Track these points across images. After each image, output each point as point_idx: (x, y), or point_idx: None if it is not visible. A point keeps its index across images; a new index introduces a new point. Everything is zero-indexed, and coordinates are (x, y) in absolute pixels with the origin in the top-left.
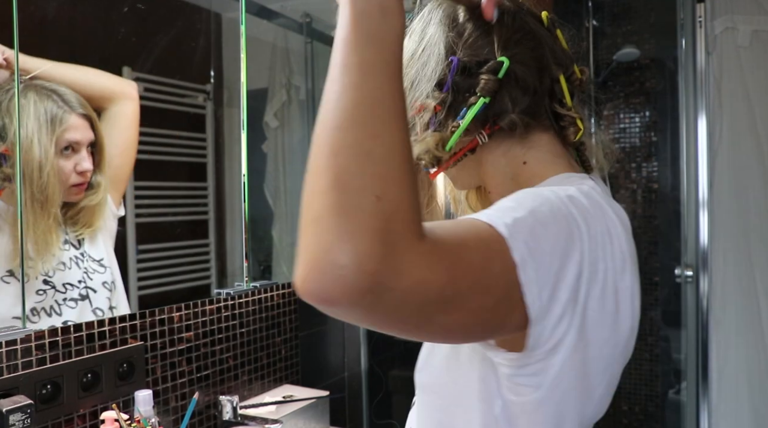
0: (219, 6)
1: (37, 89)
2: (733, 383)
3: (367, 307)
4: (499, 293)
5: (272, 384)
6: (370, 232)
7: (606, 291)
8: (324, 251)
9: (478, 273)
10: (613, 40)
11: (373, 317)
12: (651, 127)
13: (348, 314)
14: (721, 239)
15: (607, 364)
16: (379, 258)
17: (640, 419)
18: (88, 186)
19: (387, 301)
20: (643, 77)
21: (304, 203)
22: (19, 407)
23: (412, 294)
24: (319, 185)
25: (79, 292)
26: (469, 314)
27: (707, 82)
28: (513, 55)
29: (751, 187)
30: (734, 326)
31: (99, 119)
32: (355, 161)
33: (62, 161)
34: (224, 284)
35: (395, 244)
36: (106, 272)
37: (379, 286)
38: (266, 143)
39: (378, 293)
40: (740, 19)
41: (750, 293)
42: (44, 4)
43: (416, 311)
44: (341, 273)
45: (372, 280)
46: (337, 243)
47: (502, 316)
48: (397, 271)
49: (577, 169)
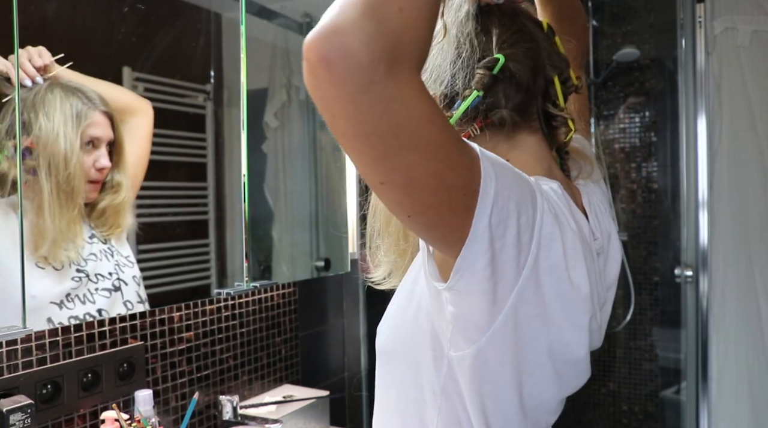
0: (219, 6)
1: (63, 86)
2: (733, 383)
3: (354, 81)
4: (459, 175)
5: (272, 384)
6: (384, 29)
7: (558, 271)
8: (346, 20)
9: (452, 141)
10: (613, 40)
11: (353, 95)
12: (651, 127)
13: (335, 80)
14: (720, 239)
15: (549, 347)
16: (385, 51)
17: (639, 419)
18: (108, 185)
19: (374, 92)
20: (643, 77)
21: None
22: (20, 407)
23: (398, 103)
24: None
25: (112, 283)
26: (432, 163)
27: (707, 82)
28: (509, 53)
29: (750, 187)
30: (734, 326)
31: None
32: None
33: (84, 156)
34: (224, 284)
35: (401, 54)
36: (134, 267)
37: (374, 69)
38: (266, 143)
39: (370, 75)
40: (740, 19)
41: (750, 293)
42: (44, 4)
43: (393, 124)
44: (351, 40)
45: (372, 59)
46: (358, 19)
47: (453, 191)
48: (395, 75)
49: (555, 175)
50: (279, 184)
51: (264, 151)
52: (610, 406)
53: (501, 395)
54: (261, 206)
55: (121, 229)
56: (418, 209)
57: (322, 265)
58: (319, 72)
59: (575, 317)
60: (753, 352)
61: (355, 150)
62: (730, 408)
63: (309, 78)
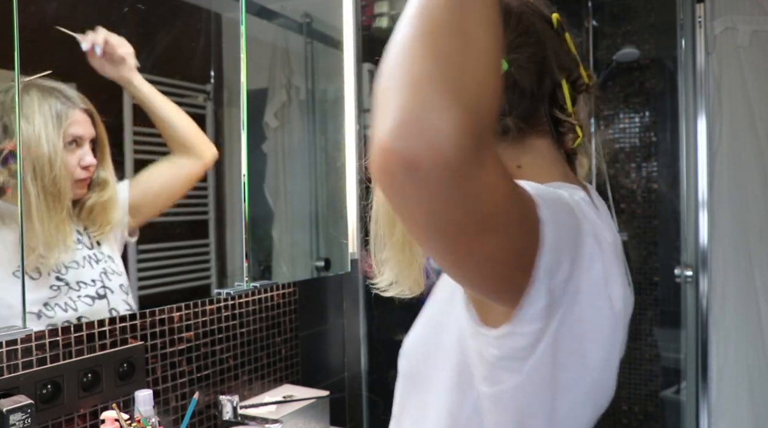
0: (219, 6)
1: (39, 87)
2: (733, 383)
3: (443, 182)
4: (525, 234)
5: (272, 384)
6: (468, 110)
7: (597, 289)
8: (424, 110)
9: (524, 207)
10: (613, 40)
11: (439, 194)
12: (651, 127)
13: (419, 183)
14: (720, 239)
15: (584, 370)
16: (473, 139)
17: (639, 419)
18: (95, 183)
19: (464, 187)
20: (643, 77)
21: (392, 68)
22: (20, 407)
23: (487, 191)
24: (414, 52)
25: (96, 290)
26: (510, 240)
27: (707, 82)
28: (513, 59)
29: (750, 187)
30: (734, 326)
31: (160, 159)
32: (456, 38)
33: (68, 156)
34: (224, 284)
35: (484, 135)
36: (123, 276)
37: (465, 165)
38: (266, 143)
39: (462, 172)
40: (740, 19)
41: (750, 293)
42: (44, 4)
43: (479, 211)
44: (437, 137)
45: (463, 156)
46: (438, 108)
47: (518, 258)
48: (482, 162)
49: (571, 178)
50: (279, 184)
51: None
52: (609, 406)
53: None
54: (261, 206)
55: (110, 226)
56: (483, 277)
57: (322, 265)
58: (400, 176)
59: (609, 331)
60: (753, 352)
61: (431, 240)
62: (730, 408)
63: (385, 181)
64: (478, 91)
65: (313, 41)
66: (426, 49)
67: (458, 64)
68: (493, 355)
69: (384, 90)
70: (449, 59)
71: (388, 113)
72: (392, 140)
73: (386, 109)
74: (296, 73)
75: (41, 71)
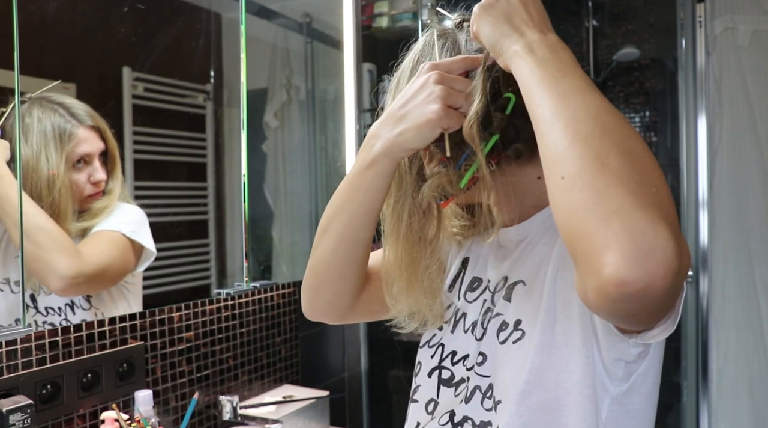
0: (219, 6)
1: (42, 104)
2: (733, 383)
3: (668, 290)
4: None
5: (272, 384)
6: (664, 219)
7: None
8: (643, 235)
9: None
10: (613, 40)
11: (662, 300)
12: (651, 127)
13: (652, 300)
14: (721, 239)
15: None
16: (677, 242)
17: None
18: (102, 193)
19: (677, 284)
20: (643, 77)
21: (585, 203)
22: (19, 407)
23: (682, 277)
24: (601, 183)
25: (59, 321)
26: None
27: (707, 82)
28: (514, 90)
29: (750, 187)
30: (734, 326)
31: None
32: (623, 158)
33: (76, 175)
34: (224, 284)
35: (677, 231)
36: (90, 311)
37: (682, 267)
38: (266, 143)
39: (680, 274)
40: (740, 19)
41: (750, 293)
42: (44, 4)
43: (677, 291)
44: (663, 255)
45: (679, 261)
46: (651, 229)
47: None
48: (681, 255)
49: None
50: (279, 184)
51: (264, 151)
52: None
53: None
54: (261, 206)
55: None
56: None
57: None
58: (636, 297)
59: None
60: (753, 352)
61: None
62: (730, 408)
63: (617, 303)
64: (667, 195)
65: (313, 41)
66: (606, 177)
67: (639, 180)
68: (633, 355)
69: (591, 220)
70: (630, 178)
71: (604, 249)
72: (628, 274)
73: (597, 244)
74: (296, 73)
75: (41, 74)
